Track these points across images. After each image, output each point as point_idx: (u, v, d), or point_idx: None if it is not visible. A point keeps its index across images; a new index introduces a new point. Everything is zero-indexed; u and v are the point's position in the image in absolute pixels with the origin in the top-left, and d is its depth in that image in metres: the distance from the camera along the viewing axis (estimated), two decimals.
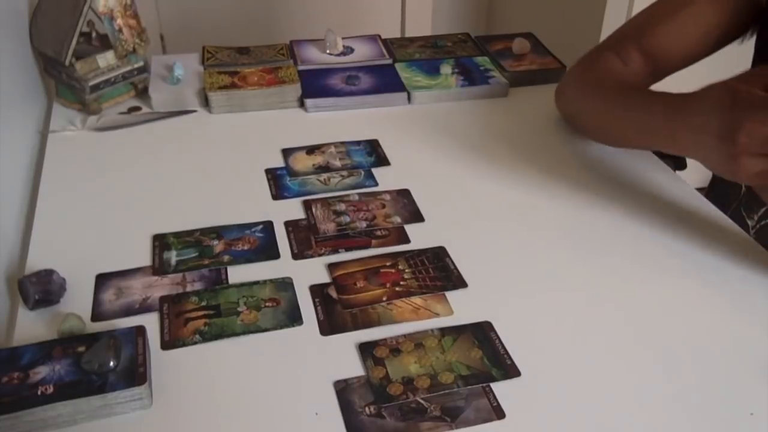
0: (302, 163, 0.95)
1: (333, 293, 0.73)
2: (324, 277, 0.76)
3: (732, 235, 0.83)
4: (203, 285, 0.74)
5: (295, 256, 0.79)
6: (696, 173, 1.08)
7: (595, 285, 0.76)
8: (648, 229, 0.84)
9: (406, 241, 0.81)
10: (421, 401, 0.61)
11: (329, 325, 0.69)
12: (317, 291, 0.73)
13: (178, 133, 1.03)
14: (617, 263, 0.78)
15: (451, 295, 0.73)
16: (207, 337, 0.68)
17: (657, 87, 0.89)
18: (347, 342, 0.68)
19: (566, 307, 0.73)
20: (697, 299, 0.74)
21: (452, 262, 0.77)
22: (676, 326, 0.70)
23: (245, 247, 0.79)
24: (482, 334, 0.68)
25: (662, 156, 0.99)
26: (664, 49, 0.94)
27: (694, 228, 0.84)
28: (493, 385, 0.63)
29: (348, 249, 0.79)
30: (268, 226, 0.83)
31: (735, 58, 0.97)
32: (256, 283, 0.74)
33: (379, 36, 1.28)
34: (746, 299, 0.74)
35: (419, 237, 0.82)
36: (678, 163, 1.00)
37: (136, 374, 0.60)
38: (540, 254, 0.80)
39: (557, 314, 0.72)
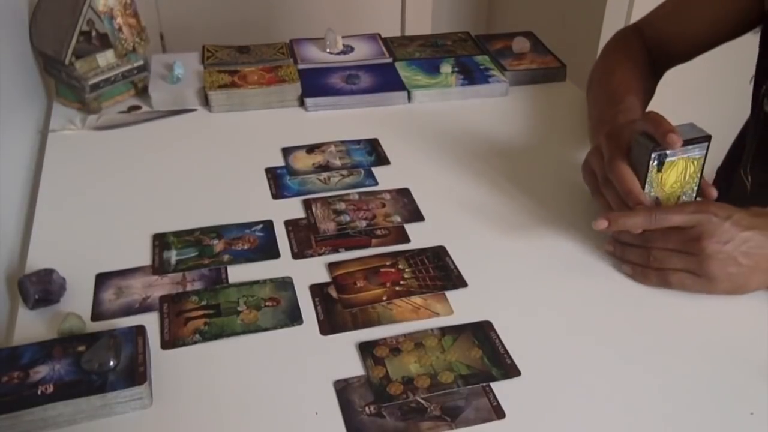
0: (302, 162, 0.95)
1: (333, 293, 0.73)
2: (324, 277, 0.76)
3: None
4: (203, 284, 0.74)
5: (295, 255, 0.79)
6: None
7: (594, 285, 0.76)
8: None
9: (406, 240, 0.81)
10: (421, 401, 0.61)
11: (329, 325, 0.69)
12: (317, 290, 0.73)
13: (178, 133, 1.03)
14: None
15: (451, 295, 0.73)
16: (207, 336, 0.68)
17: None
18: (347, 341, 0.68)
19: (566, 306, 0.73)
20: (697, 298, 0.74)
21: (452, 261, 0.77)
22: (676, 325, 0.70)
23: (245, 247, 0.79)
24: (482, 333, 0.68)
25: None
26: (672, 44, 1.01)
27: None
28: (493, 385, 0.63)
29: (348, 248, 0.79)
30: (268, 225, 0.83)
31: (744, 49, 0.98)
32: (256, 282, 0.74)
33: (379, 35, 1.28)
34: (746, 299, 0.74)
35: (419, 236, 0.82)
36: None
37: (136, 374, 0.60)
38: (540, 254, 0.80)
39: (557, 314, 0.72)
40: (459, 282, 0.75)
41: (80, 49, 1.04)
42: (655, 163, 0.73)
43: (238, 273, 0.76)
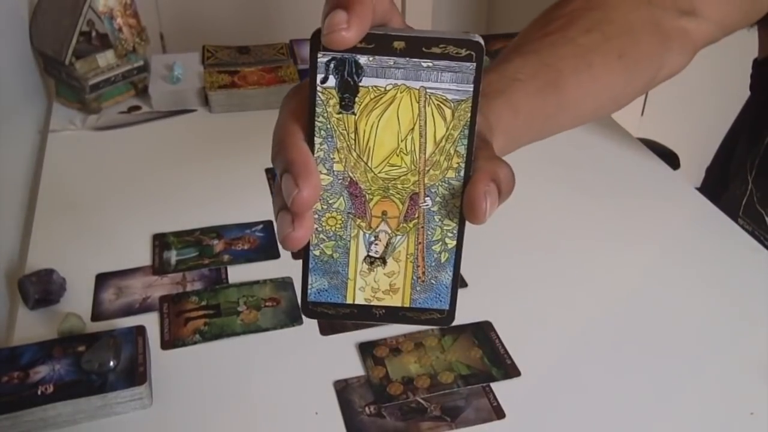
0: None
1: None
2: None
3: (732, 235, 0.83)
4: (203, 284, 0.74)
5: (295, 255, 0.79)
6: (689, 173, 1.08)
7: (594, 284, 0.76)
8: (647, 228, 0.84)
9: None
10: (421, 401, 0.61)
11: (329, 325, 0.69)
12: None
13: (178, 133, 1.03)
14: (616, 262, 0.78)
15: None
16: (207, 336, 0.68)
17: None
18: (347, 342, 0.67)
19: (566, 307, 0.72)
20: (697, 299, 0.74)
21: None
22: (676, 325, 0.70)
23: (245, 247, 0.79)
24: (482, 333, 0.68)
25: (661, 155, 0.99)
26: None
27: (692, 226, 0.84)
28: (493, 385, 0.63)
29: None
30: (268, 225, 0.83)
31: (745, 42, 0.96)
32: (256, 282, 0.74)
33: None
34: (747, 299, 0.74)
35: None
36: (671, 164, 1.00)
37: (136, 374, 0.60)
38: (540, 254, 0.80)
39: (557, 314, 0.71)
40: (459, 282, 0.75)
41: (80, 49, 1.04)
42: (331, 84, 0.32)
43: (238, 273, 0.76)
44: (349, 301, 0.36)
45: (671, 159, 1.03)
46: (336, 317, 0.36)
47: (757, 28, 0.87)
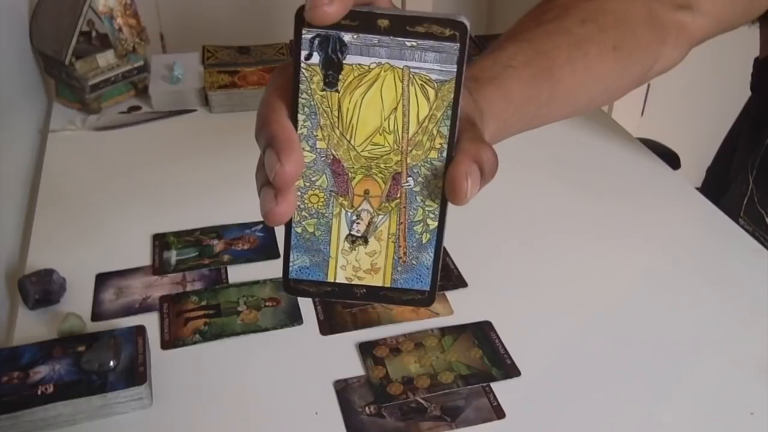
0: None
1: None
2: None
3: (733, 235, 0.83)
4: (203, 284, 0.74)
5: None
6: (690, 173, 1.08)
7: (594, 284, 0.76)
8: (647, 228, 0.84)
9: None
10: (421, 401, 0.61)
11: (329, 325, 0.69)
12: None
13: (178, 133, 1.03)
14: (617, 263, 0.78)
15: (451, 295, 0.73)
16: (207, 336, 0.68)
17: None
18: (347, 342, 0.67)
19: (566, 306, 0.72)
20: (697, 299, 0.74)
21: (452, 261, 0.77)
22: (676, 325, 0.70)
23: (245, 247, 0.79)
24: (482, 333, 0.68)
25: (661, 155, 0.99)
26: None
27: (692, 226, 0.84)
28: (493, 385, 0.63)
29: None
30: (267, 225, 0.83)
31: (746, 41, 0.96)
32: (256, 282, 0.74)
33: None
34: (747, 299, 0.74)
35: None
36: (672, 163, 1.00)
37: (136, 374, 0.60)
38: (540, 254, 0.80)
39: (557, 314, 0.71)
40: (459, 282, 0.75)
41: (80, 49, 1.04)
42: (315, 61, 0.33)
43: (238, 273, 0.76)
44: (330, 279, 0.36)
45: (671, 159, 1.04)
46: (317, 295, 0.36)
47: (758, 26, 0.87)
